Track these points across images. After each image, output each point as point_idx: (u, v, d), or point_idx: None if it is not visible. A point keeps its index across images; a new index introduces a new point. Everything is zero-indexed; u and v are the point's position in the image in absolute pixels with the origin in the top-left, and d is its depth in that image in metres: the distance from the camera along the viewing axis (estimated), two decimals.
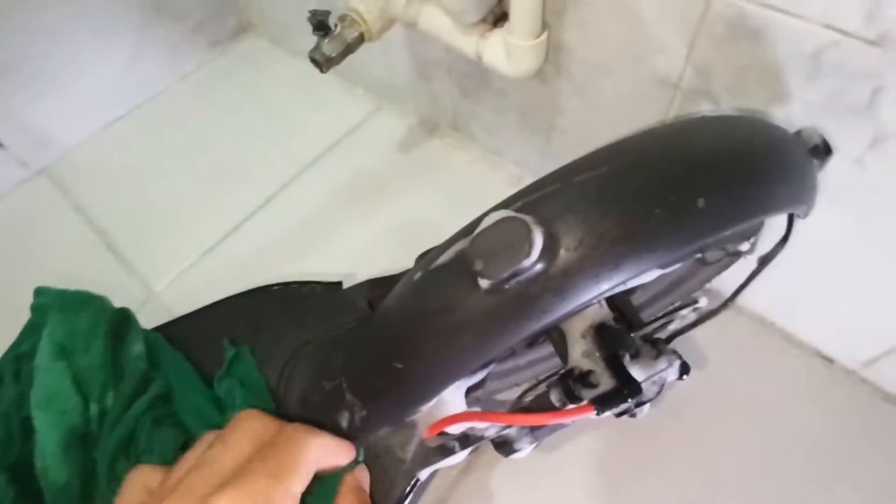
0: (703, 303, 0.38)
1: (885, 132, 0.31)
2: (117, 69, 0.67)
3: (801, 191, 0.29)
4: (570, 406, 0.30)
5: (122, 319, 0.45)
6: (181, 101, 0.71)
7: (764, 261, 0.37)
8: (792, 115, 0.34)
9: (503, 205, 0.28)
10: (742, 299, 0.48)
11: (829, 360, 0.46)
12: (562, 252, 0.24)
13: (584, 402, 0.30)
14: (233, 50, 0.77)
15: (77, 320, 0.42)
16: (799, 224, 0.38)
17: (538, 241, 0.24)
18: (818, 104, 0.32)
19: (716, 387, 0.46)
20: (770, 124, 0.32)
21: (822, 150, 0.32)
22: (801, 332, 0.47)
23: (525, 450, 0.40)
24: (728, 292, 0.39)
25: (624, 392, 0.31)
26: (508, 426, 0.39)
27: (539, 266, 0.24)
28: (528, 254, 0.23)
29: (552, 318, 0.24)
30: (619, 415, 0.36)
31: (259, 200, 0.61)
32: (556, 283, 0.24)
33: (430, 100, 0.61)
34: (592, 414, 0.30)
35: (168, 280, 0.55)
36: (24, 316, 0.45)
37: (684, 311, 0.38)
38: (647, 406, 0.36)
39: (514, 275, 0.24)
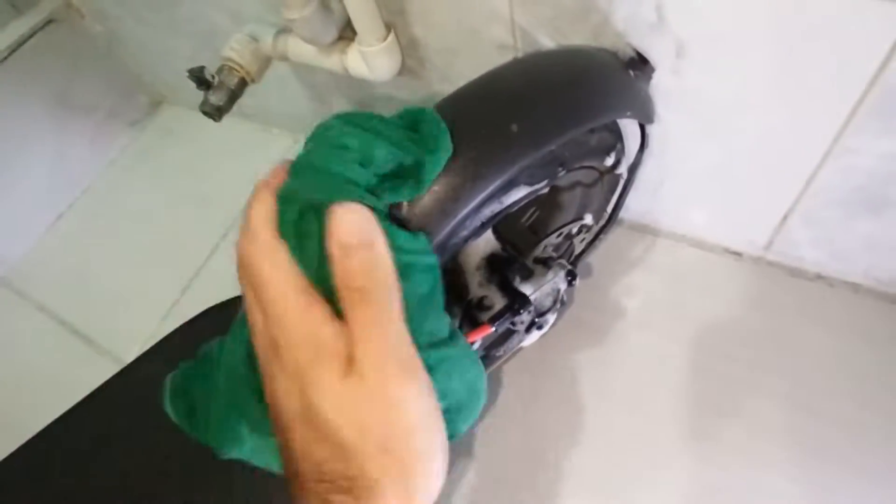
0: (588, 219, 0.42)
1: (681, 40, 0.34)
2: (44, 173, 0.71)
3: (619, 100, 0.33)
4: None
5: None
6: (114, 184, 0.75)
7: (632, 169, 0.40)
8: (613, 45, 0.37)
9: None
10: (655, 222, 0.52)
11: (738, 254, 0.50)
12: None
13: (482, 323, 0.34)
14: (152, 124, 0.81)
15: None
16: (664, 138, 0.41)
17: None
18: (625, 32, 0.36)
19: (653, 308, 0.50)
20: (581, 51, 0.35)
21: (638, 62, 0.36)
22: (707, 235, 0.50)
23: None
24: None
25: (514, 306, 0.35)
26: None
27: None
28: None
29: None
30: (528, 329, 0.40)
31: (205, 253, 0.64)
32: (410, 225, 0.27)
33: None
34: (491, 330, 0.34)
35: (136, 350, 0.59)
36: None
37: (574, 229, 0.42)
38: (550, 316, 0.40)
39: None
